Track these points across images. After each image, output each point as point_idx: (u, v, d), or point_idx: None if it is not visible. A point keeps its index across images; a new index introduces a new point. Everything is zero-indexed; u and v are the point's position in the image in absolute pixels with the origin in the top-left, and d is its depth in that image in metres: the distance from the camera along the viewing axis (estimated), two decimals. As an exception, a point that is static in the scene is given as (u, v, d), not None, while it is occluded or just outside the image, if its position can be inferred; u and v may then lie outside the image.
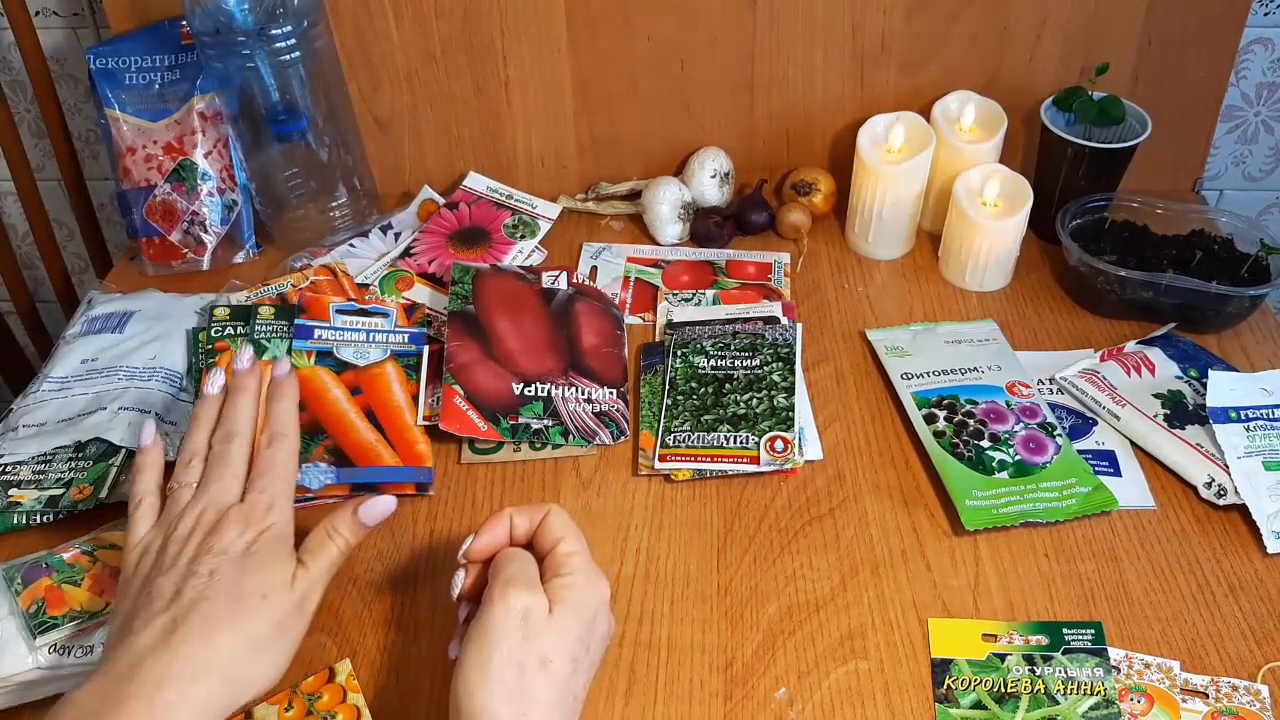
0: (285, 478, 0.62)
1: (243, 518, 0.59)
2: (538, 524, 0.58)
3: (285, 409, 0.66)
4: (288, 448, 0.64)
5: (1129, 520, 0.73)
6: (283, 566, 0.58)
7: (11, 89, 1.16)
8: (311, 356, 0.80)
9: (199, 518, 0.59)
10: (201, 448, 0.64)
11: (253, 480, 0.62)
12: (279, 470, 0.62)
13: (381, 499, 0.62)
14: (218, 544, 0.57)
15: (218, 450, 0.63)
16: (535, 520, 0.58)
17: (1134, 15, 0.94)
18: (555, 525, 0.58)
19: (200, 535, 0.58)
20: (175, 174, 0.95)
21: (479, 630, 0.53)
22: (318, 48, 0.90)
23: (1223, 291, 0.84)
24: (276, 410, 0.66)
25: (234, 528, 0.58)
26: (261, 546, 0.58)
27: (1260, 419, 0.75)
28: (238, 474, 0.62)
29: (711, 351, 0.83)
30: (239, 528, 0.58)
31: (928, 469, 0.76)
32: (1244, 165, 1.15)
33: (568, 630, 0.53)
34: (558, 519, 0.58)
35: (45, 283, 1.22)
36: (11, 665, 0.61)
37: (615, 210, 1.03)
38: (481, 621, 0.53)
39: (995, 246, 0.90)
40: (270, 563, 0.58)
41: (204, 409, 0.66)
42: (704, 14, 0.95)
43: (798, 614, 0.67)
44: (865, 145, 0.93)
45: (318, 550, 0.60)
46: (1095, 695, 0.61)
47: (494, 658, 0.51)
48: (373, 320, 0.84)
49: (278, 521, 0.60)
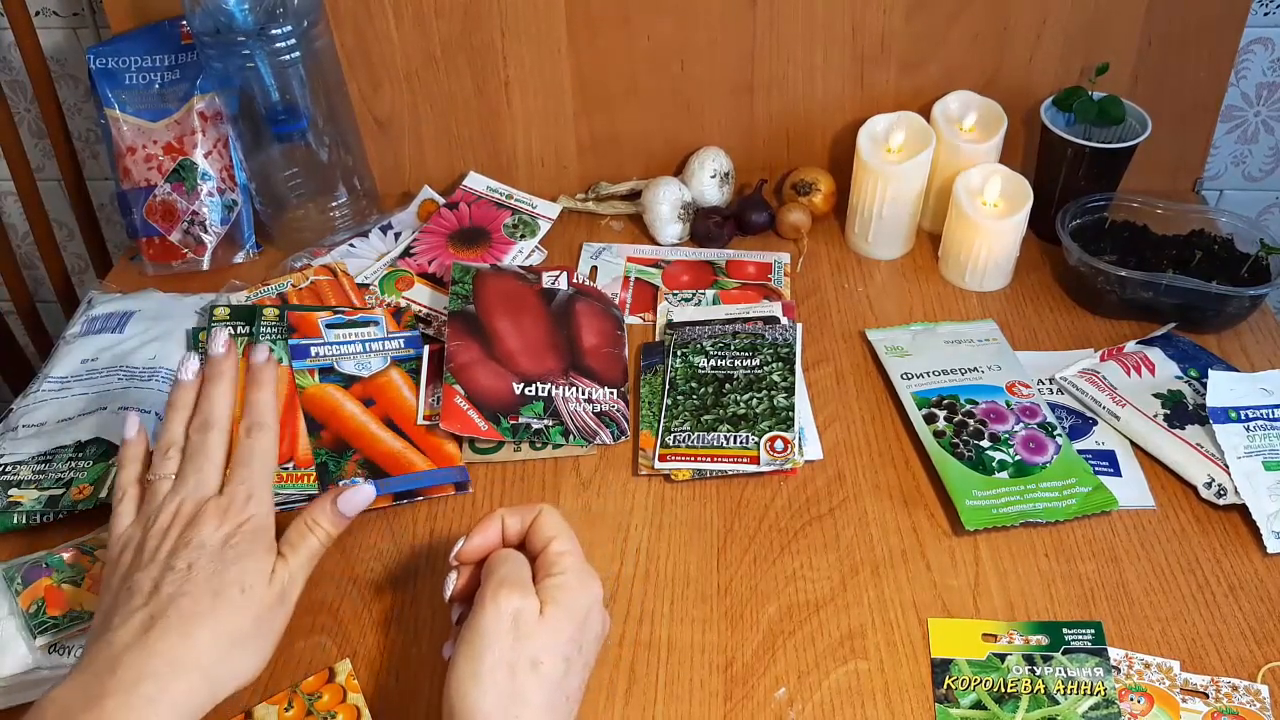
0: (264, 469, 0.61)
1: (221, 510, 0.58)
2: (529, 524, 0.58)
3: (264, 397, 0.64)
4: (267, 437, 0.63)
5: (1129, 520, 0.73)
6: (262, 560, 0.57)
7: (11, 89, 1.16)
8: (315, 375, 0.80)
9: (177, 510, 0.58)
10: (179, 438, 0.62)
11: (231, 471, 0.61)
12: (258, 461, 0.61)
13: (360, 488, 0.62)
14: (195, 537, 0.57)
15: (195, 441, 0.61)
16: (527, 520, 0.58)
17: (1134, 15, 0.94)
18: (547, 525, 0.58)
19: (178, 529, 0.57)
20: (175, 174, 0.95)
21: (470, 632, 0.53)
22: (318, 48, 0.90)
23: (1223, 291, 0.84)
24: (255, 399, 0.64)
25: (212, 520, 0.57)
26: (240, 540, 0.57)
27: (1260, 419, 0.75)
28: (216, 465, 0.61)
29: (711, 351, 0.83)
30: (217, 520, 0.58)
31: (928, 469, 0.76)
32: (1244, 165, 1.15)
33: (559, 631, 0.53)
34: (549, 519, 0.58)
35: (45, 283, 1.22)
36: (11, 665, 0.61)
37: (615, 210, 1.03)
38: (473, 623, 0.53)
39: (995, 246, 0.90)
40: (249, 556, 0.57)
41: (180, 396, 0.64)
42: (704, 14, 0.95)
43: (798, 614, 0.67)
44: (865, 145, 0.93)
45: (298, 543, 0.60)
46: (1095, 695, 0.61)
47: (485, 660, 0.51)
48: (365, 330, 0.85)
49: (257, 514, 0.59)
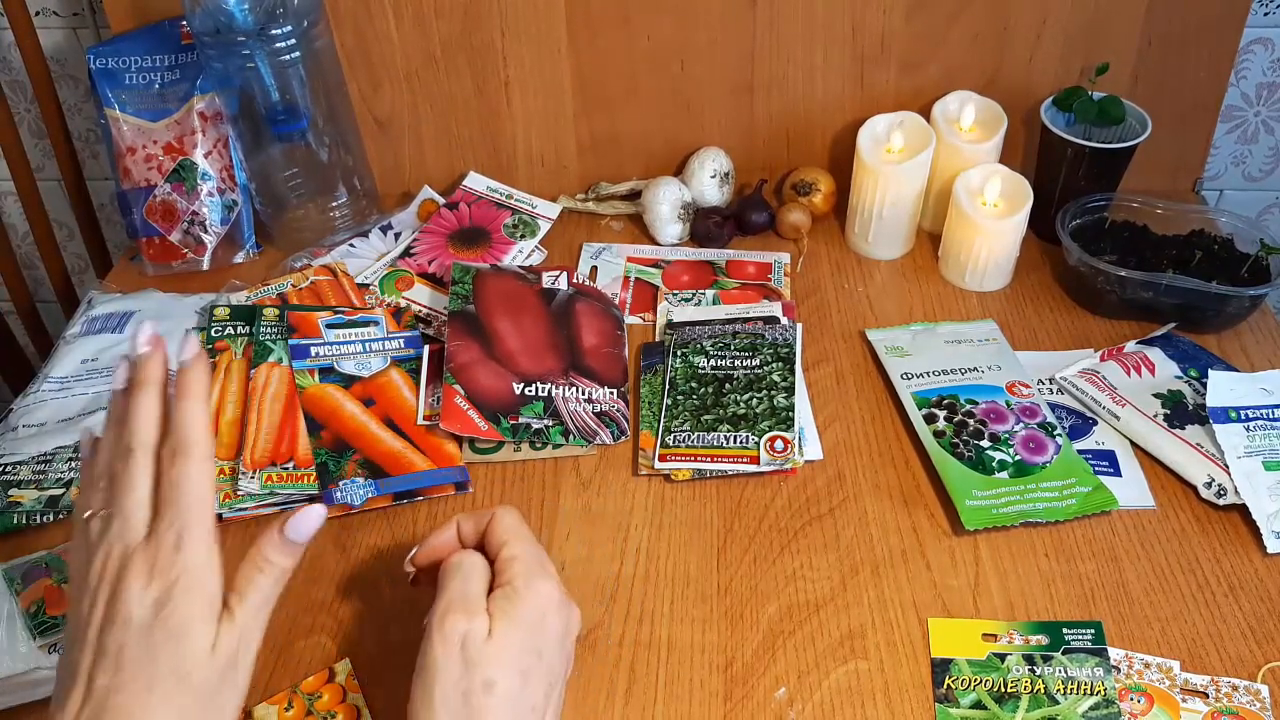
0: (196, 503, 0.50)
1: (148, 563, 0.48)
2: (484, 528, 0.58)
3: (191, 410, 0.52)
4: (195, 463, 0.51)
5: (1129, 520, 0.73)
6: (199, 632, 0.48)
7: (11, 89, 1.16)
8: (315, 375, 0.80)
9: (104, 564, 0.49)
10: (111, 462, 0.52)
11: (159, 510, 0.50)
12: (187, 495, 0.50)
13: (309, 510, 0.52)
14: (123, 608, 0.48)
15: (116, 471, 0.51)
16: (482, 525, 0.58)
17: (1134, 15, 0.94)
18: (499, 530, 0.57)
19: (106, 590, 0.49)
20: (175, 174, 0.95)
21: (421, 663, 0.52)
22: (318, 48, 0.90)
23: (1223, 291, 0.84)
24: (180, 413, 0.52)
25: (138, 579, 0.48)
26: (174, 607, 0.48)
27: (1260, 419, 0.75)
28: (140, 501, 0.50)
29: (711, 351, 0.83)
30: (144, 578, 0.48)
31: (928, 469, 0.76)
32: (1244, 165, 1.15)
33: (510, 646, 0.52)
34: (501, 523, 0.57)
35: (45, 283, 1.22)
36: (11, 665, 0.61)
37: (615, 210, 1.03)
38: (423, 653, 0.52)
39: (995, 246, 0.90)
40: (184, 631, 0.48)
41: (114, 410, 0.54)
42: (704, 14, 0.95)
43: (798, 614, 0.67)
44: (865, 145, 0.93)
45: (246, 589, 0.50)
46: (1095, 695, 0.61)
47: (436, 691, 0.51)
48: (365, 330, 0.85)
49: (190, 565, 0.49)
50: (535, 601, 0.54)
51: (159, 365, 0.54)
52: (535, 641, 0.53)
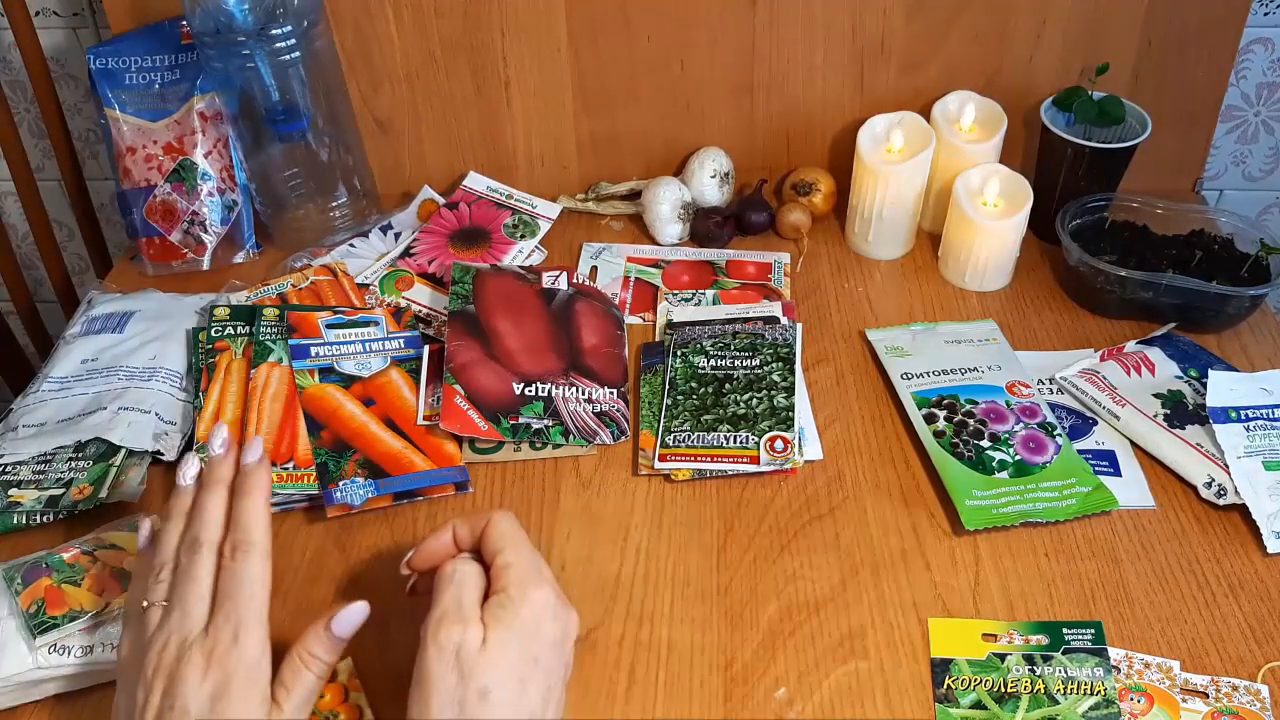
0: (253, 598, 0.54)
1: (205, 654, 0.52)
2: (480, 533, 0.58)
3: (253, 508, 0.57)
4: (255, 561, 0.55)
5: (1129, 520, 0.73)
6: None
7: (11, 89, 1.16)
8: (315, 375, 0.80)
9: (162, 653, 0.53)
10: (170, 556, 0.57)
11: (218, 603, 0.54)
12: (245, 590, 0.54)
13: (353, 607, 0.56)
14: (180, 700, 0.51)
15: (182, 564, 0.55)
16: (477, 530, 0.58)
17: (1134, 15, 0.94)
18: (494, 536, 0.57)
19: (163, 679, 0.52)
20: (175, 174, 0.95)
21: (417, 674, 0.52)
22: (318, 48, 0.90)
23: (1223, 291, 0.84)
24: (243, 511, 0.57)
25: (196, 670, 0.51)
26: (229, 700, 0.51)
27: (1260, 419, 0.75)
28: (202, 595, 0.54)
29: (711, 351, 0.83)
30: (201, 670, 0.51)
31: (928, 469, 0.76)
32: (1244, 165, 1.15)
33: (505, 654, 0.52)
34: (497, 529, 0.57)
35: (45, 283, 1.22)
36: (11, 665, 0.61)
37: (615, 210, 1.03)
38: (418, 665, 0.53)
39: (995, 246, 0.90)
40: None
41: (178, 503, 0.58)
42: (704, 14, 0.95)
43: (798, 614, 0.67)
44: (865, 145, 0.93)
45: (292, 684, 0.54)
46: (1095, 695, 0.61)
47: (433, 701, 0.51)
48: (365, 330, 0.85)
49: (246, 659, 0.52)
50: (530, 608, 0.54)
51: (230, 467, 0.59)
52: (531, 648, 0.53)
